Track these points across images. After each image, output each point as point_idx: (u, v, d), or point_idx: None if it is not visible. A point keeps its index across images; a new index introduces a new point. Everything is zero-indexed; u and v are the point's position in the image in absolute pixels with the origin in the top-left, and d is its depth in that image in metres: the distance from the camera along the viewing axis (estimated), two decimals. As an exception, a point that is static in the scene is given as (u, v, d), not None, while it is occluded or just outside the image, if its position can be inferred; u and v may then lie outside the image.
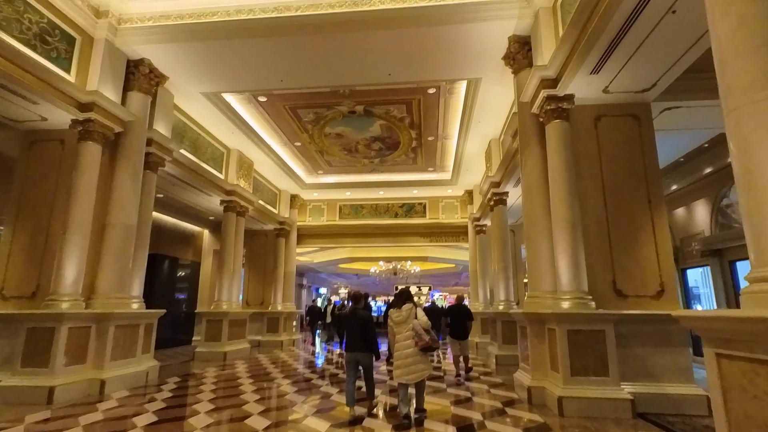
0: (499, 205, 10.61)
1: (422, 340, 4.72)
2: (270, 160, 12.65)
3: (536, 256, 6.13)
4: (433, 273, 25.64)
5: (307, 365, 9.58)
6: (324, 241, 16.53)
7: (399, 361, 4.79)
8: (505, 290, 10.12)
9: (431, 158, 13.11)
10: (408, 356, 4.75)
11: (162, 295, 13.25)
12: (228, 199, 11.27)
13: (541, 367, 5.64)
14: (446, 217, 16.00)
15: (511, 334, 9.53)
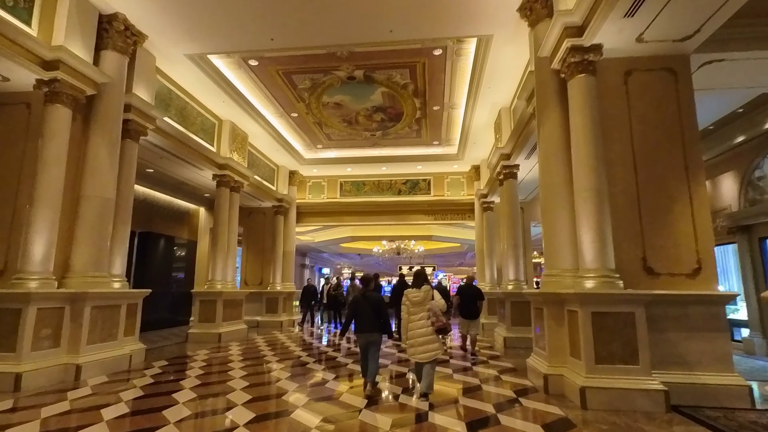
0: (509, 179, 9.91)
1: (440, 321, 4.88)
2: (266, 132, 11.94)
3: (554, 230, 5.48)
4: (437, 253, 25.10)
5: (304, 348, 9.09)
6: (324, 220, 15.92)
7: (413, 340, 4.93)
8: (515, 269, 9.51)
9: (436, 130, 12.35)
10: (423, 335, 4.89)
11: (158, 275, 12.79)
12: (221, 174, 10.63)
13: (560, 353, 5.06)
14: (452, 194, 15.31)
15: (521, 315, 9.00)
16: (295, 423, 3.93)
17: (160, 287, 13.26)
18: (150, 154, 9.24)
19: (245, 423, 3.89)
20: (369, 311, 5.17)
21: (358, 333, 5.22)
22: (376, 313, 5.17)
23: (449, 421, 3.99)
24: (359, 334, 5.21)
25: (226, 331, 9.99)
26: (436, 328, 4.88)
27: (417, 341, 4.88)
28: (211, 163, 10.26)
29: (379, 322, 5.17)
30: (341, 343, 9.76)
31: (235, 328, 10.46)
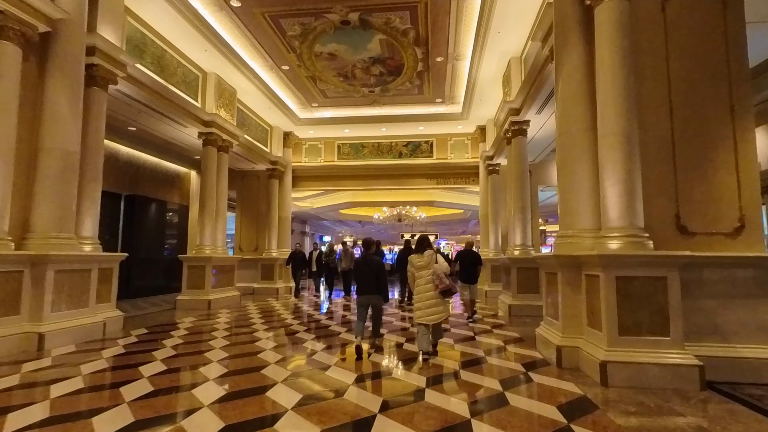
0: (517, 137, 9.12)
1: (443, 284, 4.96)
2: (256, 88, 11.08)
3: (572, 185, 4.79)
4: (439, 220, 24.47)
5: (296, 315, 8.62)
6: (321, 184, 15.22)
7: (419, 303, 5.04)
8: (522, 234, 8.87)
9: (440, 86, 11.44)
10: (428, 299, 5.00)
11: (149, 241, 12.27)
12: (207, 131, 9.87)
13: (575, 323, 4.48)
14: (455, 157, 14.51)
15: (528, 282, 8.46)
16: (270, 402, 3.39)
17: (151, 253, 12.84)
18: (127, 109, 8.48)
19: (212, 402, 3.35)
20: (369, 274, 5.36)
21: (358, 294, 5.47)
22: (375, 276, 5.34)
23: (448, 401, 3.44)
24: (360, 296, 5.45)
25: (216, 297, 9.51)
26: (440, 290, 4.99)
27: (423, 304, 5.00)
28: (195, 119, 9.48)
29: (378, 285, 5.35)
30: (337, 311, 9.28)
31: (226, 295, 9.99)
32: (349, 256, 12.38)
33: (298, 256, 12.87)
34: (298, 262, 12.81)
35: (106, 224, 11.28)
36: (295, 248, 13.22)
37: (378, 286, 5.36)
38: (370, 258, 5.54)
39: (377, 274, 5.36)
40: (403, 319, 8.27)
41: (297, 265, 12.84)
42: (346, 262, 12.34)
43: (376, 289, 5.35)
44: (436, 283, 4.98)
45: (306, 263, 13.23)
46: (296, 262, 12.80)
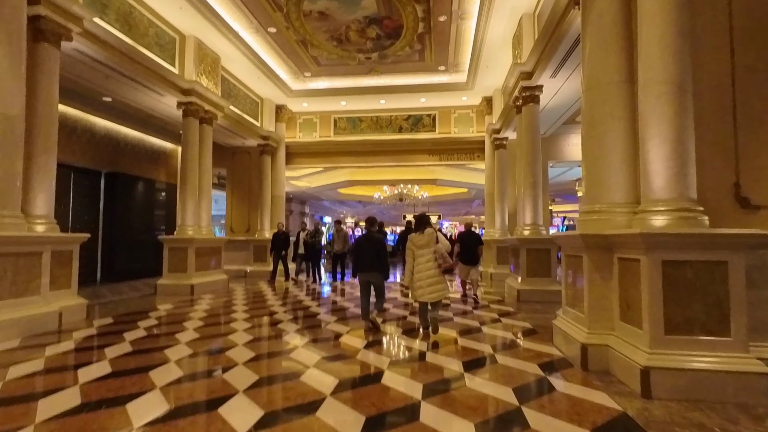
0: (529, 104, 8.19)
1: (446, 262, 5.02)
2: (242, 54, 10.12)
3: (602, 149, 3.94)
4: (442, 200, 23.62)
5: (284, 301, 7.90)
6: (317, 161, 14.34)
7: (420, 282, 4.99)
8: (533, 212, 8.03)
9: (443, 51, 10.43)
10: (429, 277, 4.96)
11: (135, 221, 11.51)
12: (186, 101, 8.98)
13: (604, 317, 3.70)
14: (459, 131, 13.56)
15: (538, 265, 7.70)
16: (227, 428, 2.64)
17: (137, 234, 12.11)
18: (92, 73, 7.60)
19: (148, 422, 2.61)
20: (370, 251, 5.33)
21: (360, 272, 5.40)
22: (377, 253, 5.32)
23: (450, 420, 2.69)
24: (361, 273, 5.39)
25: (199, 282, 8.80)
26: (444, 269, 5.03)
27: (424, 282, 4.96)
28: (172, 87, 8.59)
29: (379, 263, 5.33)
30: (329, 296, 8.55)
31: (211, 279, 9.27)
32: (342, 238, 11.01)
33: (281, 237, 11.41)
34: (281, 243, 11.38)
35: (84, 203, 10.54)
36: (278, 228, 11.69)
37: (379, 263, 5.33)
38: (372, 235, 5.54)
39: (378, 251, 5.34)
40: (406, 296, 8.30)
41: (279, 246, 11.42)
42: (338, 245, 10.98)
43: (378, 266, 5.33)
44: (440, 262, 4.99)
45: (287, 244, 11.50)
46: (278, 243, 11.39)
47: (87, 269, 10.64)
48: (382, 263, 5.37)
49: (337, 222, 11.48)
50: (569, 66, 7.34)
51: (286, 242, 11.38)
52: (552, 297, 7.56)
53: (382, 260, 5.36)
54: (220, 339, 4.88)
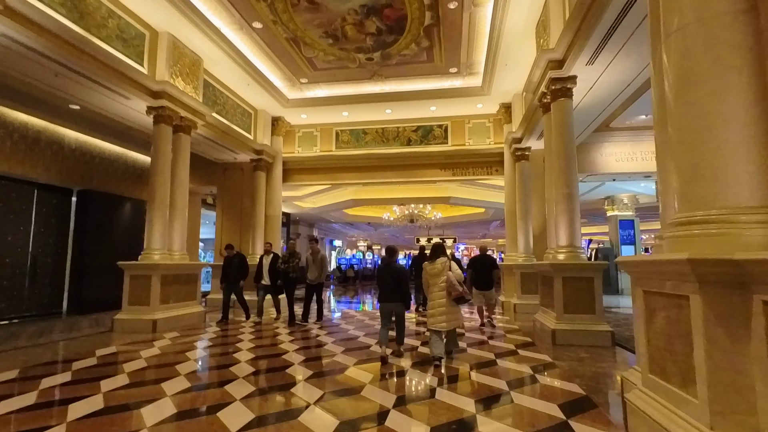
0: (560, 100, 6.71)
1: (456, 291, 5.02)
2: (226, 56, 8.98)
3: (709, 120, 2.43)
4: (457, 221, 22.01)
5: (260, 343, 6.41)
6: (318, 177, 13.03)
7: (433, 310, 5.10)
8: (569, 231, 6.43)
9: (454, 48, 9.12)
10: (441, 305, 5.07)
11: (114, 245, 10.17)
12: (157, 105, 7.79)
13: (738, 404, 2.10)
14: (474, 143, 12.12)
15: (579, 298, 6.07)
16: None
17: (113, 259, 10.73)
18: (37, 69, 6.46)
19: None
20: (391, 282, 5.39)
21: (381, 302, 5.50)
22: (398, 283, 5.36)
23: None
24: (382, 303, 5.48)
25: (165, 316, 7.37)
26: (454, 297, 5.05)
27: (437, 311, 5.05)
28: (139, 88, 7.42)
29: (400, 292, 5.37)
30: (318, 337, 7.00)
31: (181, 312, 7.85)
32: (318, 264, 8.22)
33: (233, 261, 8.56)
34: (235, 269, 8.52)
35: (49, 225, 9.35)
36: (227, 253, 8.74)
37: (400, 293, 5.39)
38: (392, 266, 5.57)
39: (399, 281, 5.39)
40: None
41: (233, 273, 8.52)
42: (313, 272, 8.22)
43: (398, 297, 5.39)
44: (449, 290, 5.02)
45: (245, 271, 8.75)
46: (231, 270, 8.49)
47: (52, 299, 9.37)
48: (403, 292, 5.41)
49: (312, 240, 8.82)
50: (611, 49, 5.88)
51: (241, 268, 8.65)
52: (598, 340, 5.93)
53: (402, 289, 5.39)
54: (126, 418, 3.39)
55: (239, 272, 8.63)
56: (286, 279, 8.27)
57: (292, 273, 8.25)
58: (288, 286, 8.35)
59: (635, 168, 10.55)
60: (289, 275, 8.24)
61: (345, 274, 25.19)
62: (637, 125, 10.02)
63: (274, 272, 8.35)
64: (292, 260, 8.31)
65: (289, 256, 8.37)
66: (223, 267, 8.69)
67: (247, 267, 8.79)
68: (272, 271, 8.40)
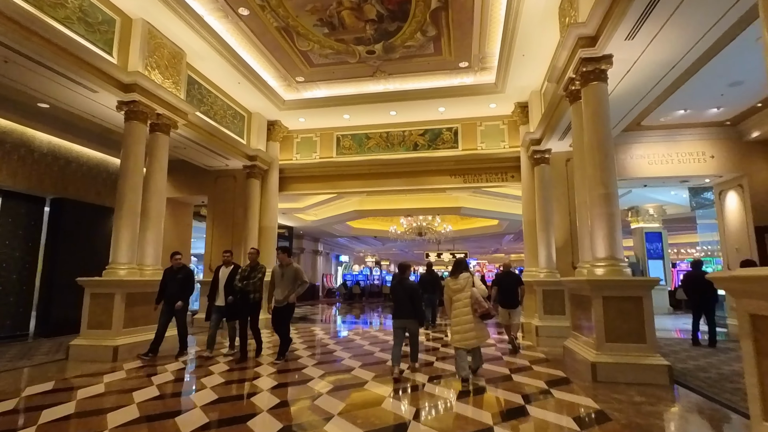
0: (592, 84, 5.64)
1: (482, 308, 4.93)
2: (212, 50, 8.11)
3: None
4: (468, 234, 20.81)
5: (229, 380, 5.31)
6: (317, 186, 12.02)
7: (457, 327, 5.00)
8: (609, 240, 5.27)
9: (464, 37, 8.14)
10: (466, 323, 4.96)
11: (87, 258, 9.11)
12: (128, 99, 6.89)
13: None
14: (487, 147, 11.06)
15: (625, 322, 4.91)
16: None
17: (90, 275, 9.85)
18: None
19: None
20: (405, 298, 5.42)
21: (394, 318, 5.52)
22: (411, 300, 5.39)
23: None
24: (396, 320, 5.49)
25: (128, 343, 6.32)
26: (479, 314, 4.96)
27: (461, 328, 4.97)
28: (107, 80, 6.53)
29: (414, 309, 5.39)
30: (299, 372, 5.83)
31: (151, 337, 6.77)
32: (288, 279, 6.14)
33: (176, 276, 6.48)
34: (176, 287, 6.44)
35: (16, 236, 8.43)
36: (174, 257, 6.69)
37: (414, 310, 5.40)
38: (405, 282, 5.56)
39: (412, 298, 5.40)
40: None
41: (171, 293, 6.42)
42: (280, 291, 6.13)
43: (412, 313, 5.40)
44: (475, 307, 4.95)
45: (189, 288, 6.66)
46: (169, 287, 6.46)
47: (17, 320, 8.41)
48: (417, 309, 5.42)
49: (280, 249, 6.45)
50: (657, 18, 4.82)
51: (186, 285, 6.53)
52: (651, 376, 4.74)
53: (416, 306, 5.41)
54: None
55: (181, 290, 6.46)
56: (243, 300, 6.28)
57: (252, 293, 6.28)
58: (245, 309, 6.31)
59: (670, 171, 9.36)
60: (247, 295, 6.26)
61: (351, 290, 24.04)
62: (673, 123, 8.88)
63: (231, 290, 6.52)
64: (253, 275, 6.37)
65: (250, 270, 6.43)
66: (161, 282, 6.54)
67: (192, 284, 6.71)
68: (229, 288, 6.58)
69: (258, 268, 6.54)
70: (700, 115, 8.45)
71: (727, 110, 8.19)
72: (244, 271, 6.53)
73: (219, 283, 6.76)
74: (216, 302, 6.75)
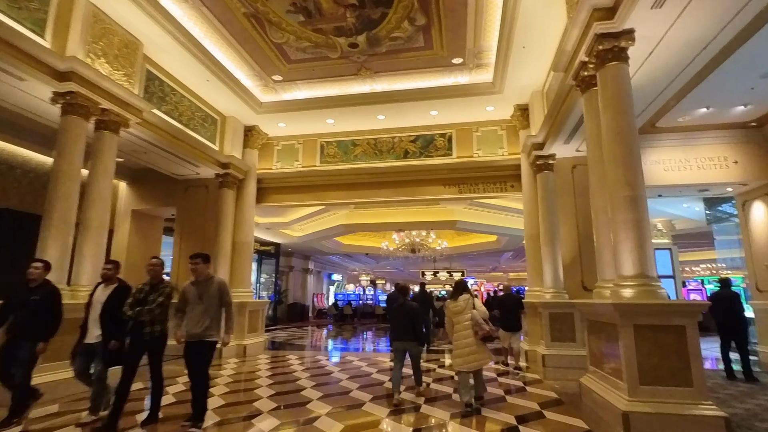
0: (610, 65, 4.67)
1: (482, 330, 4.90)
2: (174, 41, 7.17)
3: None
4: (465, 251, 19.70)
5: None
6: (299, 197, 10.97)
7: (458, 350, 4.96)
8: (637, 252, 4.20)
9: (458, 25, 7.23)
10: (467, 345, 4.91)
11: None
12: (64, 90, 5.89)
13: None
14: (484, 154, 10.09)
15: (662, 359, 3.80)
16: None
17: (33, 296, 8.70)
18: None
19: None
20: (406, 320, 5.38)
21: (394, 340, 5.44)
22: (411, 321, 5.35)
23: None
24: (396, 342, 5.41)
25: (43, 382, 5.13)
26: (481, 336, 4.91)
27: (463, 351, 4.92)
28: (37, 65, 5.53)
29: (415, 331, 5.33)
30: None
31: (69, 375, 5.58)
32: (208, 301, 4.34)
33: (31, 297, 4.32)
34: (26, 316, 4.23)
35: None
36: (33, 268, 4.47)
37: (415, 332, 5.34)
38: (406, 304, 5.52)
39: (413, 320, 5.36)
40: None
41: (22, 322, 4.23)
42: (196, 319, 4.27)
43: (413, 335, 5.33)
44: (476, 329, 4.90)
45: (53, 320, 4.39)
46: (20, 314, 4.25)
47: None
48: (418, 331, 5.35)
49: (193, 258, 4.45)
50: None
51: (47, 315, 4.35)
52: (702, 430, 3.58)
53: (417, 328, 5.35)
54: None
55: (35, 321, 4.22)
56: (136, 335, 4.19)
57: (149, 325, 4.16)
58: (136, 348, 4.21)
59: (688, 179, 8.36)
60: (142, 329, 4.14)
61: (342, 311, 22.77)
62: (692, 124, 7.93)
63: (114, 320, 4.30)
64: (152, 299, 4.22)
65: (149, 289, 4.31)
66: (2, 307, 4.31)
67: (58, 313, 4.43)
68: (107, 317, 4.34)
69: (159, 288, 4.34)
70: (723, 115, 7.52)
71: (756, 108, 7.25)
72: (138, 292, 4.33)
73: (91, 308, 4.46)
74: (84, 339, 4.42)
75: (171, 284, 4.71)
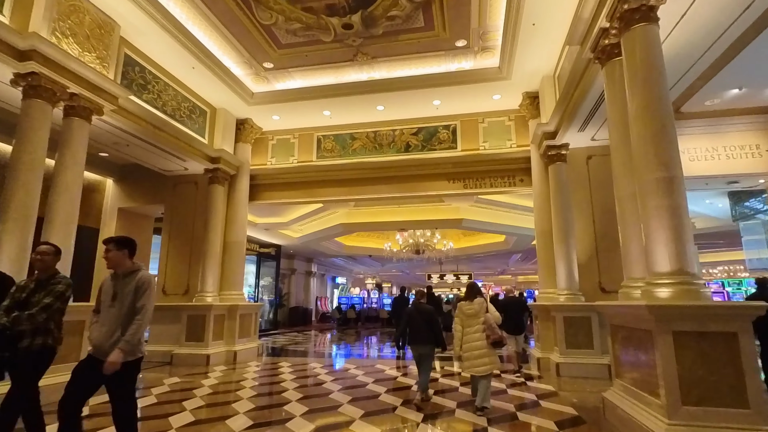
0: (637, 27, 4.00)
1: (495, 334, 4.87)
2: (157, 26, 6.65)
3: None
4: (472, 252, 18.95)
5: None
6: (294, 194, 10.36)
7: (468, 353, 4.92)
8: (675, 245, 3.51)
9: (461, 5, 6.60)
10: (478, 348, 4.87)
11: None
12: (25, 72, 5.35)
13: None
14: (491, 146, 9.43)
15: (710, 373, 3.05)
16: None
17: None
18: None
19: None
20: (422, 323, 5.34)
21: (411, 345, 5.46)
22: (428, 325, 5.31)
23: None
24: (412, 346, 5.44)
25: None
26: (492, 341, 4.88)
27: (473, 354, 4.88)
28: (-8, 43, 5.01)
29: (431, 334, 5.28)
30: None
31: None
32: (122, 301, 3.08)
33: None
34: None
35: None
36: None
37: (432, 335, 5.30)
38: (422, 307, 5.52)
39: (430, 323, 5.33)
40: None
41: None
42: (106, 327, 3.03)
43: (430, 338, 5.29)
44: (488, 333, 4.87)
45: None
46: None
47: None
48: (435, 333, 5.31)
49: (106, 244, 3.21)
50: None
51: None
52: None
53: (434, 330, 5.31)
54: None
55: None
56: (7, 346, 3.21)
57: (30, 337, 3.27)
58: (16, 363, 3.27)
59: (716, 169, 7.63)
60: (20, 340, 3.24)
61: (345, 315, 22.12)
62: (720, 109, 7.20)
63: None
64: (37, 298, 3.30)
65: (35, 286, 3.40)
66: None
67: None
68: None
69: (49, 285, 3.37)
70: (757, 97, 6.79)
71: (794, 88, 6.54)
72: (20, 289, 3.37)
73: None
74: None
75: (67, 280, 3.47)
